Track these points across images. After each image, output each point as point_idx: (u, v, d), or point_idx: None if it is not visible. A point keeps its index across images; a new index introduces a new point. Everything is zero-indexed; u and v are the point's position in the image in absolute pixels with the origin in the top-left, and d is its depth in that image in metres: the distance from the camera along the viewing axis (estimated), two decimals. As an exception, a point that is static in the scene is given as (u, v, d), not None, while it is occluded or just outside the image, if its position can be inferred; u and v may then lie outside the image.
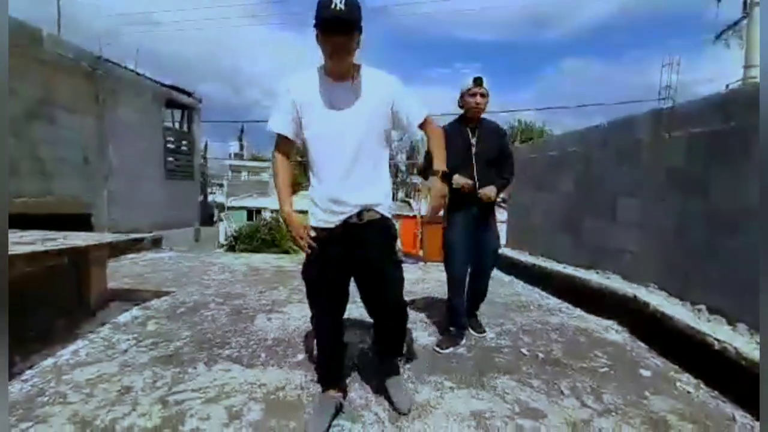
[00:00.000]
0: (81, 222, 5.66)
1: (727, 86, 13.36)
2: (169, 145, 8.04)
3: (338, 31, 1.51)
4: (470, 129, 2.68)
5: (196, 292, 3.94)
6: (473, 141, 2.66)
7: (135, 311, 3.25)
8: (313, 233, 1.71)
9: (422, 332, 2.94)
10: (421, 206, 19.40)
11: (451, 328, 2.78)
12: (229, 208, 22.55)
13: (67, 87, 5.58)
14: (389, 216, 1.78)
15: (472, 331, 2.91)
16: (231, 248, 10.92)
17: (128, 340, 2.68)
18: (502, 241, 6.23)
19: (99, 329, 2.85)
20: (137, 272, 4.81)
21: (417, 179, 30.31)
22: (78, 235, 3.30)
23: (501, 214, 5.15)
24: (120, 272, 4.65)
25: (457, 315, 2.77)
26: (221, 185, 27.85)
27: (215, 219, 21.44)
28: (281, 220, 1.78)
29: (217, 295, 3.85)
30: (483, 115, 2.72)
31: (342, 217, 1.68)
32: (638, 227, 3.33)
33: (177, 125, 9.23)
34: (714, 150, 2.67)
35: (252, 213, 22.82)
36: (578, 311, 3.57)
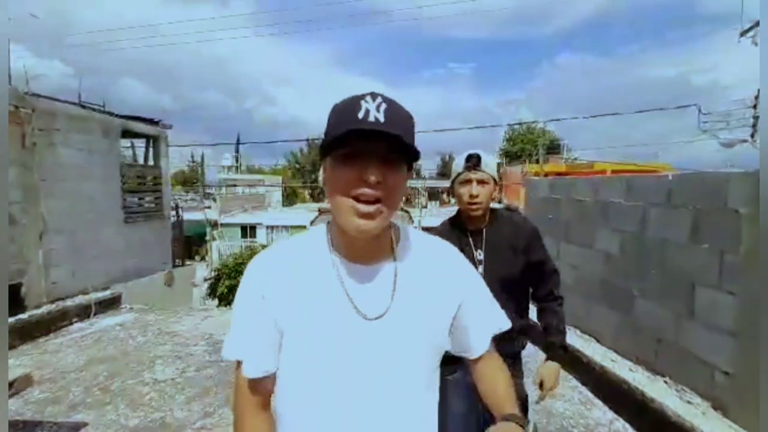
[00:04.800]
0: (9, 296, 4.63)
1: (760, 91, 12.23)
2: (129, 184, 6.98)
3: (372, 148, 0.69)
4: (472, 235, 1.63)
5: (116, 423, 2.90)
6: (478, 255, 1.61)
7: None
8: None
9: None
10: (423, 215, 18.22)
11: None
12: (223, 225, 21.51)
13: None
14: None
15: None
16: (214, 287, 9.95)
17: None
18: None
19: None
20: (62, 368, 3.78)
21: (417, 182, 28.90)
22: None
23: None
24: (40, 369, 3.67)
25: None
26: (215, 199, 26.75)
27: (207, 238, 20.57)
28: None
29: (142, 429, 2.82)
30: (495, 205, 1.67)
31: None
32: (735, 337, 2.27)
33: (142, 156, 8.18)
34: None
35: (246, 230, 21.77)
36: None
